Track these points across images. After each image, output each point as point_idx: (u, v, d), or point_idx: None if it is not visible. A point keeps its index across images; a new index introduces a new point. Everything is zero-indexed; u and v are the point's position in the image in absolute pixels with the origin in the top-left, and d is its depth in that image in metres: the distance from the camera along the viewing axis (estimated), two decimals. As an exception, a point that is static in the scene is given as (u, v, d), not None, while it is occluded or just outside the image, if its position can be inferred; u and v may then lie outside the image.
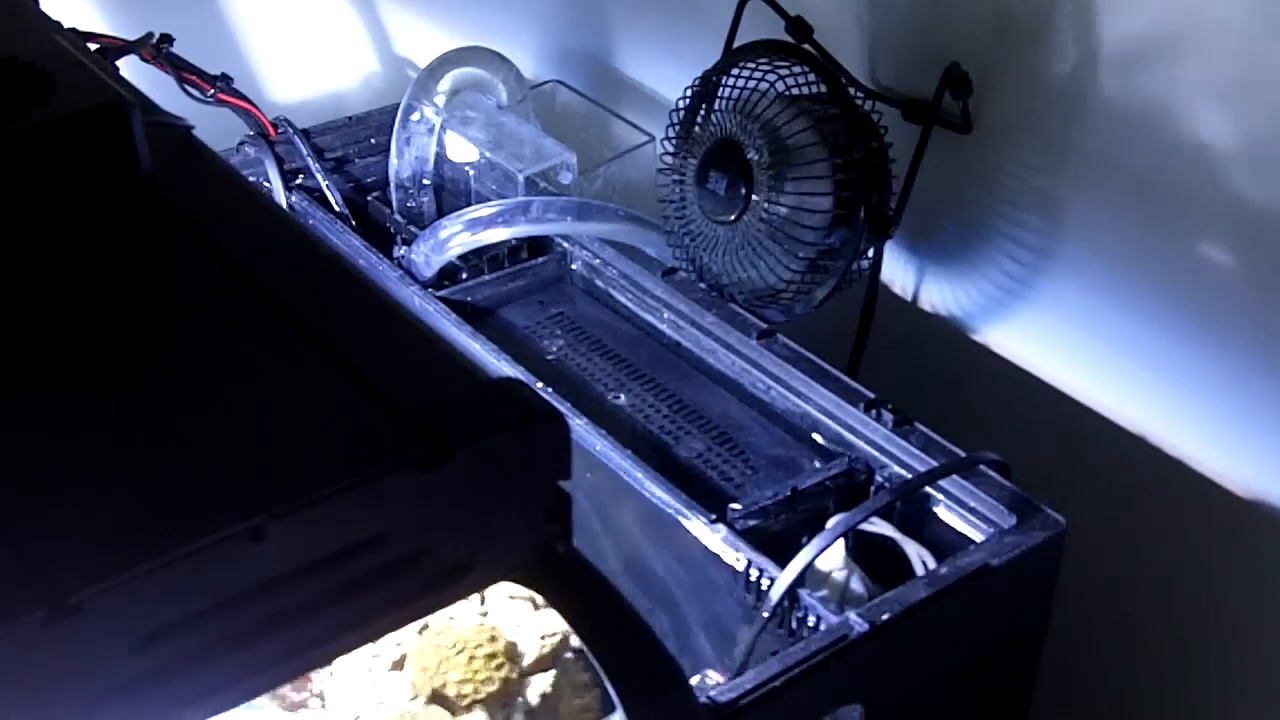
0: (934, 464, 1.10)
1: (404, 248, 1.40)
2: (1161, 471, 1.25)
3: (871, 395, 1.17)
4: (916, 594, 0.98)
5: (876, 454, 1.15)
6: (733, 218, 1.24)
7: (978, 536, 1.06)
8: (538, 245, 1.44)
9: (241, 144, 1.48)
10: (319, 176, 1.47)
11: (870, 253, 1.32)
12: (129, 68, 1.39)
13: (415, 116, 1.47)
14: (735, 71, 1.26)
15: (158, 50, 1.45)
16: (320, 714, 1.00)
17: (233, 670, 0.60)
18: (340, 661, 0.98)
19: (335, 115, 1.57)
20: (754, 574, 1.03)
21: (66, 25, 1.00)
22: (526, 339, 1.35)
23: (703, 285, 1.30)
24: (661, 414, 1.24)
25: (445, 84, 1.47)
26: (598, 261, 1.38)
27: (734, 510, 1.09)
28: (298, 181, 1.48)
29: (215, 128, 1.17)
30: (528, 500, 0.67)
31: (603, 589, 0.72)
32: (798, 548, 1.01)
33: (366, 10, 2.00)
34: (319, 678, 1.00)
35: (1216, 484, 1.22)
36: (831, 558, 1.04)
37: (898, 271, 1.43)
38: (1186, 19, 1.14)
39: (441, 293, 1.35)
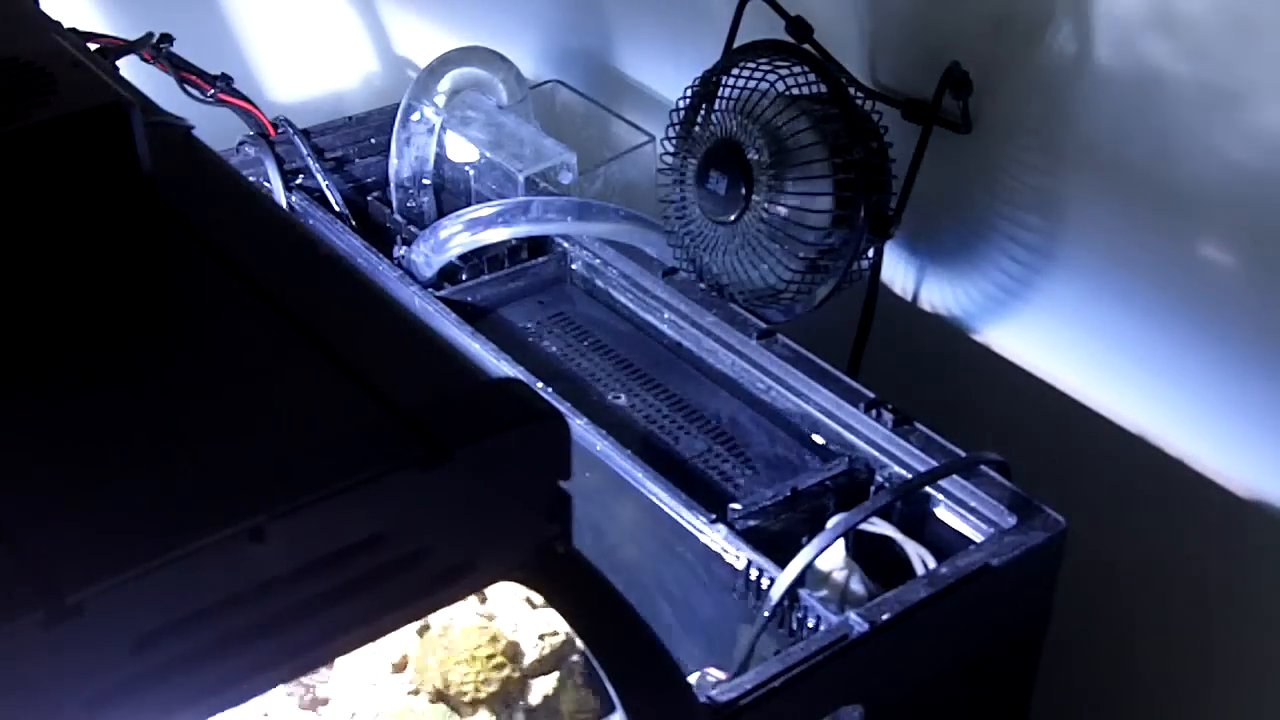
0: (934, 464, 1.10)
1: (404, 248, 1.40)
2: (1161, 471, 1.25)
3: (871, 395, 1.17)
4: (916, 594, 0.98)
5: (876, 454, 1.15)
6: (733, 218, 1.24)
7: (978, 536, 1.06)
8: (538, 245, 1.44)
9: (241, 144, 1.48)
10: (319, 176, 1.47)
11: (870, 253, 1.32)
12: (129, 68, 1.39)
13: (415, 116, 1.47)
14: (735, 71, 1.26)
15: (158, 50, 1.45)
16: (320, 714, 1.00)
17: (233, 670, 0.60)
18: (340, 661, 0.98)
19: (335, 115, 1.57)
20: (754, 574, 1.03)
21: (66, 25, 1.00)
22: (526, 339, 1.35)
23: (703, 285, 1.30)
24: (661, 414, 1.24)
25: (445, 84, 1.47)
26: (598, 261, 1.38)
27: (734, 510, 1.09)
28: (298, 181, 1.48)
29: (215, 128, 1.17)
30: (528, 500, 0.67)
31: (603, 589, 0.72)
32: (798, 548, 1.01)
33: (366, 10, 2.00)
34: (319, 678, 1.00)
35: (1216, 484, 1.22)
36: (831, 558, 1.04)
37: (898, 271, 1.43)
38: (1186, 19, 1.14)
39: (441, 293, 1.35)
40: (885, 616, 0.95)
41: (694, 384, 1.28)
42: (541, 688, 1.00)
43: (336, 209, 1.46)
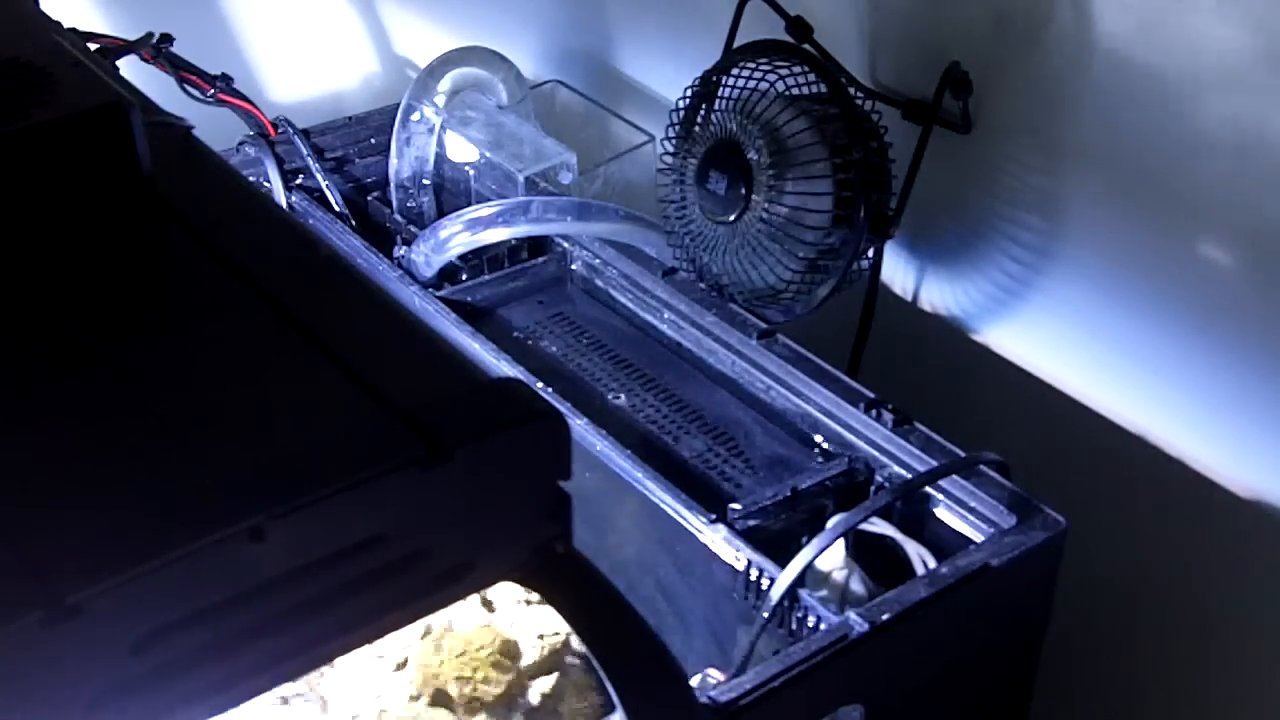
0: (934, 464, 1.10)
1: (404, 248, 1.40)
2: (1161, 471, 1.25)
3: (871, 395, 1.17)
4: (916, 594, 0.98)
5: (876, 454, 1.15)
6: (733, 218, 1.24)
7: (978, 536, 1.06)
8: (538, 245, 1.44)
9: (241, 144, 1.48)
10: (319, 176, 1.47)
11: (870, 253, 1.32)
12: (129, 68, 1.39)
13: (415, 116, 1.47)
14: (735, 71, 1.26)
15: (158, 50, 1.45)
16: (320, 714, 1.00)
17: (233, 670, 0.60)
18: (340, 661, 0.98)
19: (335, 115, 1.57)
20: (754, 574, 1.03)
21: (66, 25, 1.00)
22: (526, 339, 1.35)
23: (703, 285, 1.30)
24: (661, 414, 1.24)
25: (445, 84, 1.47)
26: (598, 261, 1.38)
27: (734, 510, 1.09)
28: (298, 181, 1.48)
29: (215, 128, 1.17)
30: (528, 500, 0.67)
31: (603, 589, 0.72)
32: (798, 548, 1.01)
33: (366, 10, 2.00)
34: (319, 678, 1.00)
35: (1216, 484, 1.22)
36: (831, 558, 1.04)
37: (898, 271, 1.43)
38: (1185, 19, 1.14)
39: (441, 293, 1.35)
40: (885, 616, 0.95)
41: (694, 384, 1.28)
42: (541, 688, 0.99)
43: (336, 209, 1.46)
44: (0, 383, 0.67)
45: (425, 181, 1.49)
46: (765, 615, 1.00)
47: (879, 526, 1.08)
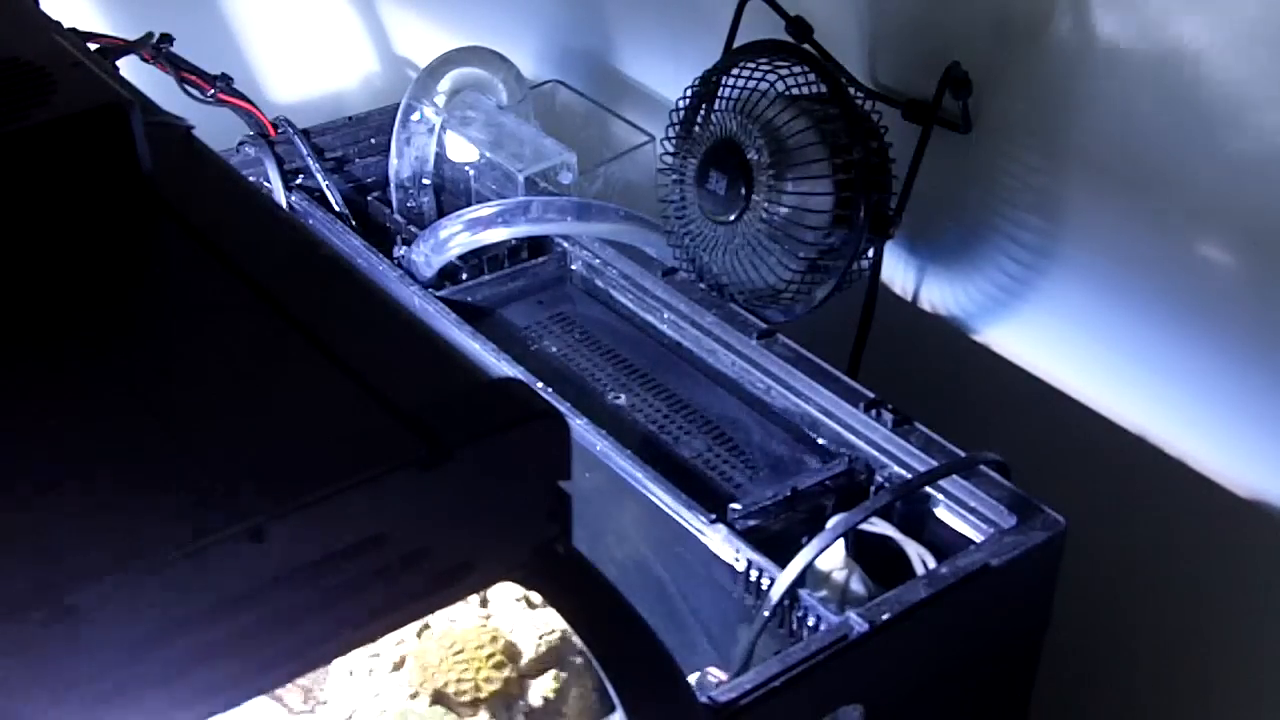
0: (934, 464, 1.10)
1: (404, 248, 1.40)
2: (1161, 471, 1.25)
3: (871, 395, 1.17)
4: (916, 594, 0.98)
5: (876, 454, 1.15)
6: (733, 218, 1.24)
7: (978, 536, 1.06)
8: (538, 245, 1.44)
9: (241, 144, 1.48)
10: (319, 176, 1.47)
11: (870, 253, 1.32)
12: (129, 68, 1.40)
13: (415, 116, 1.47)
14: (735, 71, 1.26)
15: (158, 50, 1.45)
16: (320, 714, 1.00)
17: (233, 670, 0.60)
18: (340, 661, 0.98)
19: (335, 115, 1.57)
20: (754, 574, 1.03)
21: (66, 25, 1.00)
22: (526, 339, 1.35)
23: (703, 285, 1.30)
24: (661, 414, 1.24)
25: (445, 84, 1.47)
26: (598, 261, 1.38)
27: (734, 510, 1.09)
28: (298, 181, 1.48)
29: (215, 128, 1.17)
30: (528, 500, 0.67)
31: (603, 589, 0.72)
32: (798, 548, 1.01)
33: (366, 10, 2.00)
34: (319, 678, 1.00)
35: (1216, 484, 1.22)
36: (831, 558, 1.04)
37: (898, 271, 1.43)
38: (1185, 20, 1.14)
39: (441, 293, 1.35)
40: (885, 616, 0.95)
41: (694, 384, 1.28)
42: (541, 688, 0.99)
43: (336, 209, 1.46)
44: (0, 383, 0.67)
45: (425, 181, 1.49)
46: (765, 615, 1.00)
47: (879, 526, 1.08)
